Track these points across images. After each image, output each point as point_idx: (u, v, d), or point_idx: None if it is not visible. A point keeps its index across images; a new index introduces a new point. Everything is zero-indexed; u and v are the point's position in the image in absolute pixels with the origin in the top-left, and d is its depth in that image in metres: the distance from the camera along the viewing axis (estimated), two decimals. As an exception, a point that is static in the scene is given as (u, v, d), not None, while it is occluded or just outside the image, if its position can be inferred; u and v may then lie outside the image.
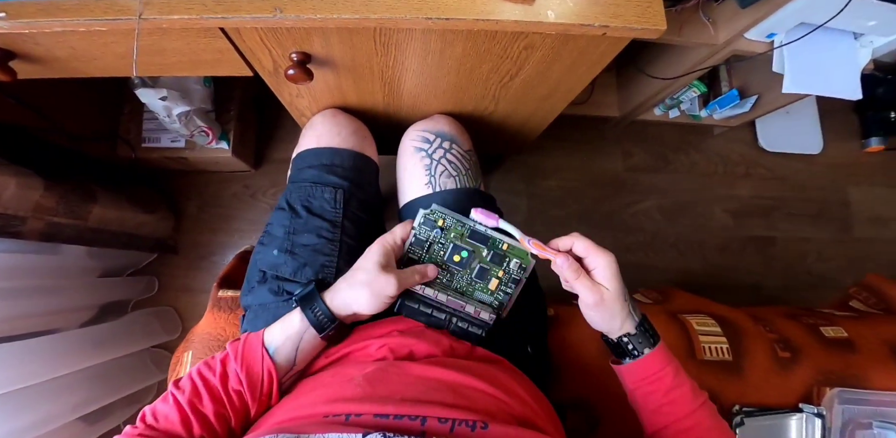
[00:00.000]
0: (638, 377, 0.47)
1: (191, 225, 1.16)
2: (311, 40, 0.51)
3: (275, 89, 0.65)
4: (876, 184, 1.31)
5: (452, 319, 0.49)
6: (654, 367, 0.46)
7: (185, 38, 0.50)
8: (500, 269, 0.50)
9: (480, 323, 0.49)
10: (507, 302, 0.51)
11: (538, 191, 1.26)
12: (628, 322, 0.45)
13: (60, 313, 0.91)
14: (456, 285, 0.51)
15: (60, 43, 0.50)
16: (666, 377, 0.45)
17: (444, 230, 0.49)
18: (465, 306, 0.49)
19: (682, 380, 0.46)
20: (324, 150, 0.64)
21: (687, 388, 0.46)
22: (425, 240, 0.49)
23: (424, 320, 0.48)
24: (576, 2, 0.47)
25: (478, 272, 0.50)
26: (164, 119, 0.88)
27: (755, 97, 1.09)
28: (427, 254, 0.50)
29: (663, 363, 0.46)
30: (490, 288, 0.50)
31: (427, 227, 0.49)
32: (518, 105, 0.72)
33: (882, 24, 0.78)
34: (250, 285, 0.62)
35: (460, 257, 0.49)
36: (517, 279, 0.51)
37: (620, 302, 0.44)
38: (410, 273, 0.47)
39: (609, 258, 0.44)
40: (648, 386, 0.46)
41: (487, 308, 0.50)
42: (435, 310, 0.48)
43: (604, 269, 0.44)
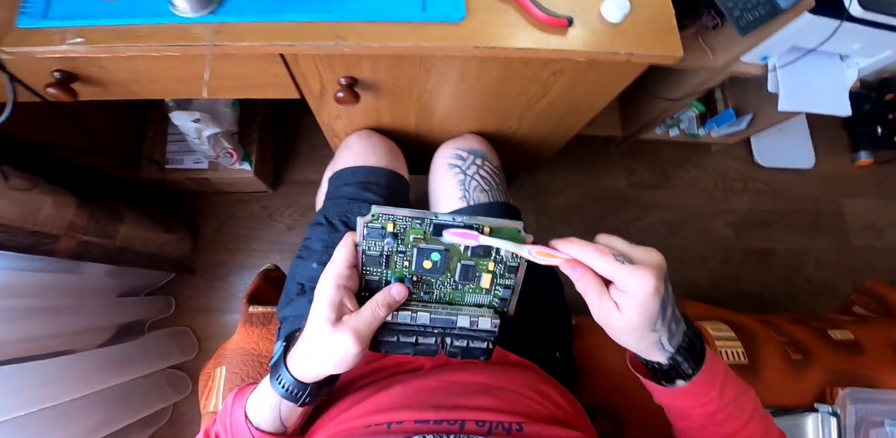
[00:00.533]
0: (669, 402, 0.41)
1: (208, 246, 1.17)
2: (360, 66, 0.55)
3: (316, 110, 0.68)
4: (867, 196, 1.38)
5: (446, 340, 0.38)
6: (689, 402, 0.39)
7: (246, 64, 0.54)
8: (489, 260, 0.39)
9: (482, 335, 0.39)
10: (509, 296, 0.41)
11: (546, 208, 1.30)
12: (656, 353, 0.37)
13: (79, 333, 0.91)
14: (438, 295, 0.40)
15: (125, 67, 0.54)
16: (708, 405, 0.39)
17: (397, 235, 0.38)
18: (456, 320, 0.38)
19: (726, 403, 0.39)
20: (360, 169, 0.68)
21: (732, 408, 0.39)
22: (379, 255, 0.38)
23: (411, 352, 0.38)
24: (603, 31, 0.52)
25: (461, 272, 0.39)
26: (194, 140, 0.91)
27: (750, 115, 1.16)
28: (388, 270, 0.39)
29: (702, 395, 0.38)
30: (483, 285, 0.40)
31: (375, 238, 0.37)
32: (540, 125, 0.76)
33: (866, 46, 0.86)
34: (288, 297, 0.64)
35: (432, 262, 0.38)
36: (514, 265, 0.39)
37: (639, 334, 0.35)
38: (370, 311, 0.36)
39: (643, 288, 0.32)
40: (682, 414, 0.41)
41: (487, 311, 0.40)
42: (420, 337, 0.38)
43: (632, 298, 0.33)
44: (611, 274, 0.33)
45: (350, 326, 0.35)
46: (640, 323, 0.33)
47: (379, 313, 0.37)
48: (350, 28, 0.48)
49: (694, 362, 0.38)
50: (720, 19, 0.84)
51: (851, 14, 0.71)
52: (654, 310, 0.33)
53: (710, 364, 0.38)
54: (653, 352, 0.37)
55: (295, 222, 1.20)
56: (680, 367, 0.37)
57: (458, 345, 0.39)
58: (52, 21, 0.47)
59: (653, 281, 0.32)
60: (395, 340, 0.38)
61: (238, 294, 1.14)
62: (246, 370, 0.71)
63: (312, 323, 0.37)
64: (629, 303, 0.33)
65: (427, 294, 0.40)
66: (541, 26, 0.50)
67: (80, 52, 0.48)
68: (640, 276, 0.32)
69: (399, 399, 0.42)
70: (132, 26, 0.47)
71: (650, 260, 0.33)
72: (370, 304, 0.37)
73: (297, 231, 1.20)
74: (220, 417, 0.43)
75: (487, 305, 0.41)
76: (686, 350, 0.37)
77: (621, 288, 0.33)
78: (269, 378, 0.39)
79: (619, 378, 0.71)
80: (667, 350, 0.36)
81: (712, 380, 0.38)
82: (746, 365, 0.77)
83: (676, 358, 0.37)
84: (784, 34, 0.80)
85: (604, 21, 0.52)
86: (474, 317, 0.39)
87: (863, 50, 0.87)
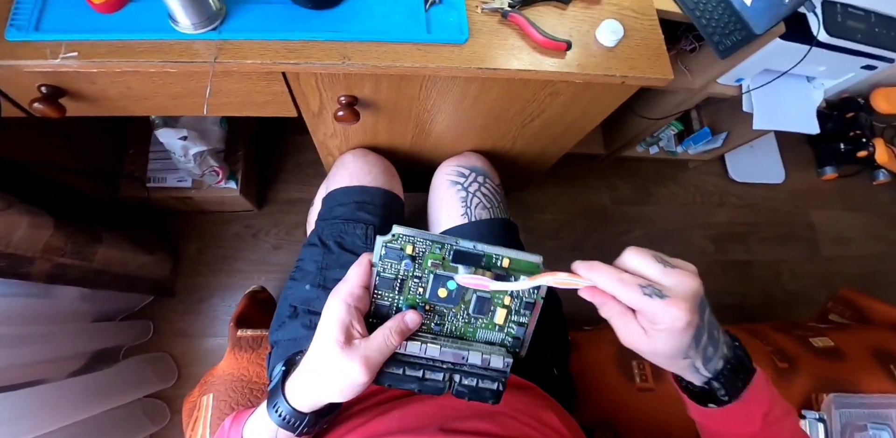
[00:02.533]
0: (703, 420, 0.38)
1: (189, 267, 1.12)
2: (362, 85, 0.55)
3: (312, 129, 0.68)
4: (834, 208, 1.45)
5: (454, 377, 0.36)
6: (724, 424, 0.37)
7: (246, 81, 0.53)
8: (506, 294, 0.38)
9: (493, 375, 0.36)
10: (523, 335, 0.39)
11: (533, 225, 1.32)
12: (690, 376, 0.35)
13: (50, 362, 0.85)
14: (449, 328, 0.38)
15: (118, 82, 0.52)
16: (745, 428, 0.36)
17: (415, 259, 0.36)
18: (467, 356, 0.36)
19: (765, 426, 0.36)
20: (355, 189, 0.67)
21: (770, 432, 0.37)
22: (394, 278, 0.36)
23: (416, 387, 0.35)
24: (599, 55, 0.54)
25: (476, 304, 0.38)
26: (180, 158, 0.88)
27: (725, 133, 1.22)
28: (401, 295, 0.37)
29: (741, 419, 0.36)
30: (497, 321, 0.38)
31: (393, 259, 0.36)
32: (533, 143, 0.78)
33: (830, 69, 0.92)
34: (280, 320, 0.62)
35: (447, 290, 0.37)
36: (531, 302, 0.38)
37: (669, 360, 0.33)
38: (382, 338, 0.34)
39: (674, 323, 0.29)
40: (716, 434, 0.39)
41: (498, 350, 0.38)
42: (427, 371, 0.36)
43: (661, 331, 0.30)
44: (639, 308, 0.30)
45: (361, 353, 0.33)
46: (670, 351, 0.31)
47: (392, 341, 0.34)
48: (355, 48, 0.48)
49: (732, 389, 0.35)
50: (697, 43, 0.89)
51: (819, 40, 0.76)
52: (686, 341, 0.30)
53: (754, 390, 0.35)
54: (686, 374, 0.34)
55: (280, 242, 1.18)
56: (716, 393, 0.35)
57: (466, 384, 0.36)
58: (43, 34, 0.46)
59: (684, 315, 0.29)
60: (400, 373, 0.35)
61: (221, 316, 1.10)
62: (235, 397, 0.67)
63: (319, 344, 0.35)
64: (658, 335, 0.30)
65: (438, 325, 0.38)
66: (541, 49, 0.52)
67: (73, 67, 0.46)
68: (669, 312, 0.29)
69: (397, 425, 0.41)
70: (130, 41, 0.46)
71: (684, 289, 0.30)
72: (382, 331, 0.35)
73: (283, 251, 1.17)
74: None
75: (499, 344, 0.39)
76: (726, 376, 0.34)
77: (650, 319, 0.30)
78: (266, 405, 0.37)
79: (616, 393, 0.71)
80: (702, 374, 0.34)
81: (754, 407, 0.35)
82: (739, 375, 0.78)
83: (713, 384, 0.34)
84: (757, 58, 0.85)
85: (599, 45, 0.54)
86: (486, 354, 0.36)
87: (828, 72, 0.93)
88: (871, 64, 0.89)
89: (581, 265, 0.32)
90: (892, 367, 0.76)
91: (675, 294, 0.29)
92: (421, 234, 0.36)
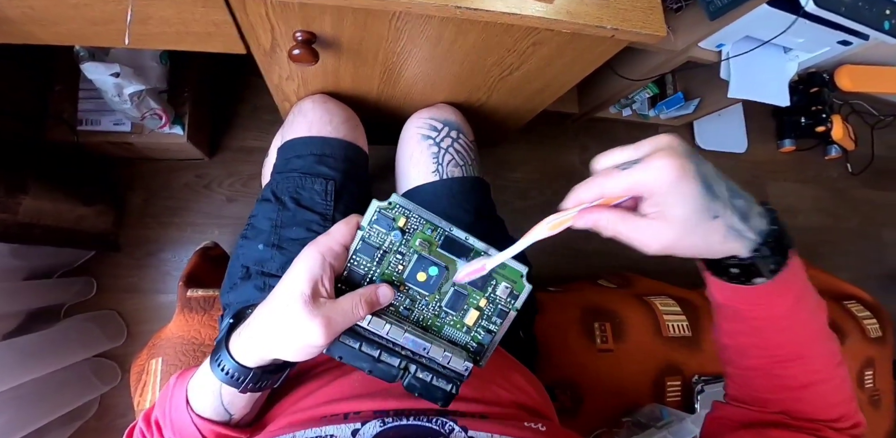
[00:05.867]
0: (729, 300, 0.34)
1: (135, 219, 1.04)
2: (322, 19, 0.48)
3: (265, 69, 0.60)
4: (788, 180, 1.51)
5: (410, 367, 0.34)
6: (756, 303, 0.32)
7: (180, 7, 0.45)
8: (483, 296, 0.36)
9: (451, 375, 0.34)
10: (489, 343, 0.37)
11: (504, 183, 1.30)
12: (735, 243, 0.28)
13: (-22, 322, 0.78)
14: (417, 316, 0.36)
15: (16, 1, 0.43)
16: (777, 307, 0.32)
17: (405, 233, 0.35)
18: (429, 348, 0.34)
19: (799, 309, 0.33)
20: (314, 139, 0.61)
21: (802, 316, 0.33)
22: (377, 247, 0.35)
23: (368, 367, 0.33)
24: (589, 3, 0.49)
25: (451, 298, 0.36)
26: (113, 99, 0.78)
27: (698, 100, 1.21)
28: (378, 267, 0.35)
29: (777, 296, 0.32)
30: (466, 322, 0.36)
31: (382, 227, 0.34)
32: (510, 98, 0.74)
33: (808, 42, 0.91)
34: (232, 281, 0.58)
35: (427, 275, 0.35)
36: (505, 310, 0.37)
37: (701, 229, 0.27)
38: (349, 306, 0.32)
39: (665, 173, 0.25)
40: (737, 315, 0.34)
41: (460, 352, 0.36)
42: (385, 353, 0.34)
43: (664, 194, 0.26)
44: (627, 188, 0.26)
45: (324, 313, 0.31)
46: (692, 215, 0.26)
47: (358, 310, 0.32)
48: (313, -28, 0.41)
49: (782, 257, 0.30)
50: (684, 2, 0.85)
51: (806, 10, 0.73)
52: (697, 191, 0.25)
53: (793, 267, 0.31)
54: (730, 243, 0.28)
55: (235, 193, 1.10)
56: (764, 261, 0.29)
57: (420, 377, 0.34)
58: None
59: (669, 162, 0.25)
60: (356, 347, 0.33)
61: (172, 272, 1.04)
62: (186, 361, 0.64)
63: (281, 295, 0.32)
64: (667, 204, 0.26)
65: (407, 310, 0.36)
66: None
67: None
68: (652, 167, 0.25)
69: (359, 388, 0.40)
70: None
71: (657, 145, 0.26)
72: (352, 297, 0.32)
73: (239, 203, 1.10)
74: (160, 400, 0.39)
75: (462, 346, 0.37)
76: (776, 238, 0.29)
77: (646, 192, 0.26)
78: (209, 360, 0.35)
79: (577, 354, 0.74)
80: (747, 237, 0.28)
81: (789, 287, 0.31)
82: (690, 337, 0.83)
83: (762, 250, 0.29)
84: (742, 23, 0.82)
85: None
86: (448, 352, 0.34)
87: (806, 44, 0.92)
88: (847, 39, 0.88)
89: (564, 202, 0.29)
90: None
91: (652, 152, 0.26)
92: (418, 210, 0.35)
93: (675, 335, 0.82)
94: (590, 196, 0.28)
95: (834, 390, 0.35)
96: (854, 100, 1.57)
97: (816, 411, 0.35)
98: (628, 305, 0.83)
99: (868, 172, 1.59)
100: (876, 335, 0.93)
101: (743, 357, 0.37)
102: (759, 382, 0.36)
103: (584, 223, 0.29)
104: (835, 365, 0.35)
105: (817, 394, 0.35)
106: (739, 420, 0.37)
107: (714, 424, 0.39)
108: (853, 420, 0.35)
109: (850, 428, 0.35)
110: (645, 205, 0.27)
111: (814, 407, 0.35)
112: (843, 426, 0.35)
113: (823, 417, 0.35)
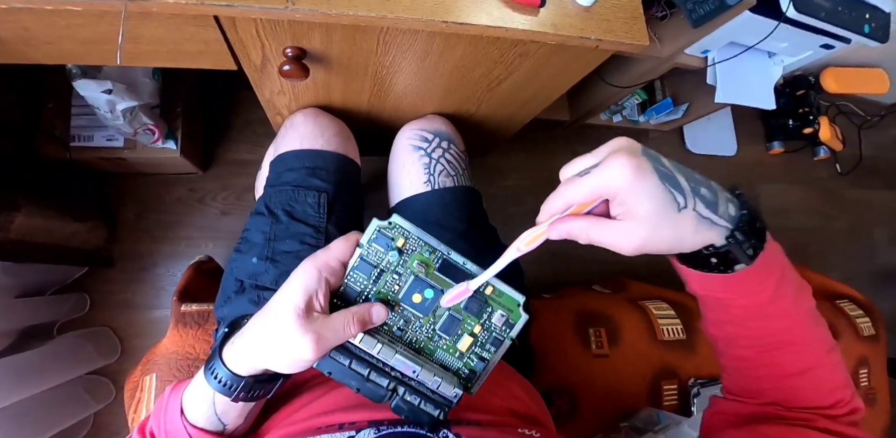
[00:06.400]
0: (710, 291, 0.34)
1: (128, 234, 1.04)
2: (311, 35, 0.49)
3: (256, 85, 0.61)
4: (778, 181, 1.53)
5: (398, 389, 0.34)
6: (737, 291, 0.32)
7: (171, 26, 0.46)
8: (478, 322, 0.36)
9: (439, 400, 0.34)
10: (481, 371, 0.37)
11: (497, 191, 1.30)
12: (708, 232, 0.28)
13: (-30, 342, 0.77)
14: (410, 338, 0.36)
15: (10, 22, 0.44)
16: (760, 294, 0.32)
17: (403, 253, 0.35)
18: (419, 371, 0.34)
19: (781, 294, 0.32)
20: (306, 152, 0.62)
21: (785, 302, 0.33)
22: (375, 266, 0.35)
23: (356, 385, 0.33)
24: (573, 15, 0.51)
25: (445, 322, 0.36)
26: (106, 115, 0.78)
27: (686, 105, 1.22)
28: (375, 286, 0.35)
29: (758, 281, 0.31)
30: (459, 347, 0.36)
31: (381, 246, 0.34)
32: (499, 107, 0.74)
33: (792, 46, 0.93)
34: (226, 295, 0.58)
35: (422, 297, 0.35)
36: (499, 339, 0.36)
37: (670, 221, 0.27)
38: (341, 323, 0.32)
39: (621, 172, 0.26)
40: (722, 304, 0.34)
41: (451, 377, 0.36)
42: (374, 372, 0.33)
43: (624, 192, 0.26)
44: (590, 193, 0.27)
45: (316, 329, 0.31)
46: (657, 209, 0.26)
47: (350, 328, 0.33)
48: (301, -9, 0.42)
49: (758, 241, 0.30)
50: (669, 11, 0.86)
51: (787, 15, 0.75)
52: (656, 185, 0.26)
53: (769, 251, 0.30)
54: (703, 232, 0.28)
55: (229, 207, 1.10)
56: (741, 247, 0.29)
57: (408, 400, 0.34)
58: None
59: (624, 161, 0.26)
60: (346, 365, 0.33)
61: (166, 287, 1.03)
62: (180, 376, 0.64)
63: (275, 307, 0.32)
64: (633, 203, 0.26)
65: (400, 331, 0.36)
66: (513, 5, 0.47)
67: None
68: (608, 167, 0.26)
69: (353, 399, 0.40)
70: (19, -30, 0.38)
71: (612, 148, 0.28)
72: (344, 314, 0.33)
73: (232, 216, 1.09)
74: (155, 411, 0.39)
75: (454, 371, 0.37)
76: (747, 223, 0.29)
77: (607, 193, 0.27)
78: (203, 368, 0.35)
79: (573, 359, 0.74)
80: (718, 224, 0.28)
81: (768, 272, 0.31)
82: (684, 340, 0.83)
83: (736, 236, 0.29)
84: (726, 30, 0.83)
85: (575, 4, 0.50)
86: (439, 377, 0.34)
87: (789, 49, 0.94)
88: (829, 43, 0.90)
89: (539, 217, 0.31)
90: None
91: (608, 155, 0.27)
92: (418, 232, 0.35)
93: (670, 338, 0.83)
94: (558, 206, 0.29)
95: (827, 376, 0.35)
96: (840, 102, 1.60)
97: (810, 398, 0.35)
98: (622, 310, 0.84)
99: (857, 172, 1.61)
100: (869, 333, 0.94)
101: (733, 347, 0.36)
102: (751, 372, 0.36)
103: (558, 234, 0.29)
104: (826, 350, 0.35)
105: (810, 381, 0.35)
106: (734, 413, 0.37)
107: (711, 419, 0.39)
108: (850, 406, 0.35)
109: (847, 414, 0.34)
110: (612, 207, 0.28)
111: (807, 395, 0.35)
112: (839, 412, 0.34)
113: (818, 404, 0.34)
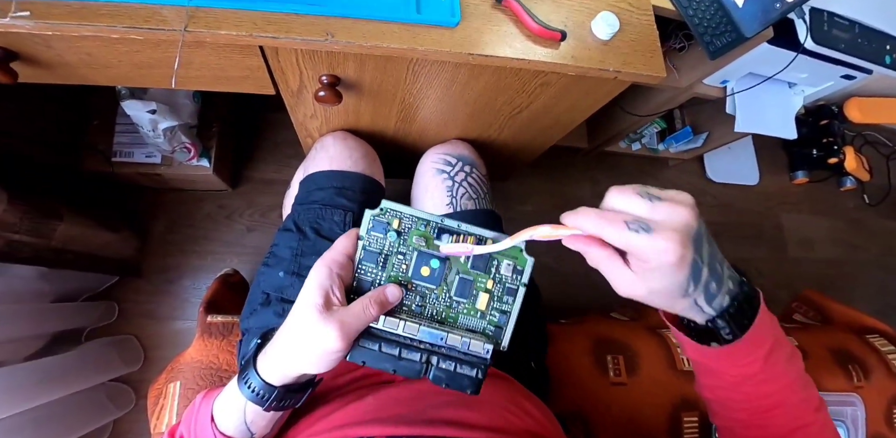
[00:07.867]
0: (700, 359, 0.36)
1: (157, 247, 1.08)
2: (346, 65, 0.53)
3: (291, 108, 0.65)
4: (803, 212, 1.50)
5: (432, 359, 0.34)
6: (724, 363, 0.34)
7: (219, 54, 0.50)
8: (488, 277, 0.37)
9: (473, 360, 0.35)
10: (505, 324, 0.37)
11: (514, 216, 1.31)
12: (693, 314, 0.32)
13: (4, 344, 0.80)
14: (431, 311, 0.37)
15: (76, 48, 0.48)
16: (748, 367, 0.34)
17: (401, 234, 0.36)
18: (445, 337, 0.35)
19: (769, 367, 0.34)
20: (335, 173, 0.65)
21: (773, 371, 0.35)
22: (379, 252, 0.36)
23: (391, 367, 0.34)
24: (593, 48, 0.53)
25: (458, 286, 0.37)
26: (148, 133, 0.84)
27: (706, 134, 1.23)
28: (384, 271, 0.37)
29: (743, 357, 0.33)
30: (479, 307, 0.37)
31: (379, 233, 0.36)
32: (520, 134, 0.77)
33: (812, 77, 0.94)
34: (252, 307, 0.60)
35: (430, 268, 0.36)
36: (513, 288, 0.37)
37: (669, 300, 0.30)
38: (360, 308, 0.34)
39: (664, 258, 0.27)
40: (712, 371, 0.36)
41: (479, 337, 0.36)
42: (404, 350, 0.34)
43: (653, 270, 0.28)
44: (625, 246, 0.28)
45: (338, 318, 0.32)
46: (667, 291, 0.29)
47: (370, 311, 0.34)
48: (340, 24, 0.46)
49: (738, 327, 0.32)
50: (687, 42, 0.89)
51: (805, 47, 0.76)
52: (683, 278, 0.28)
53: (758, 328, 0.32)
54: (689, 313, 0.32)
55: (255, 223, 1.14)
56: (719, 332, 0.32)
57: (444, 368, 0.34)
58: (-7, -9, 0.42)
59: (674, 248, 0.26)
60: (376, 349, 0.34)
61: (191, 299, 1.06)
62: (204, 385, 0.65)
63: (297, 309, 0.34)
64: (650, 275, 0.28)
65: (420, 307, 0.37)
66: (534, 38, 0.50)
67: (25, 28, 0.42)
68: (657, 247, 0.26)
69: (371, 412, 0.41)
70: (90, 3, 0.42)
71: (672, 221, 0.27)
72: (361, 300, 0.34)
73: (258, 233, 1.13)
74: (186, 417, 0.40)
75: (481, 332, 0.37)
76: (732, 314, 0.31)
77: (638, 255, 0.28)
78: (237, 379, 0.37)
79: (589, 386, 0.73)
80: (706, 312, 0.31)
81: (756, 347, 0.33)
82: (705, 371, 0.81)
83: (717, 322, 0.31)
84: (744, 61, 0.85)
85: (594, 37, 0.53)
86: (466, 338, 0.35)
87: (809, 79, 0.95)
88: (850, 73, 0.91)
89: (567, 214, 0.30)
90: (850, 367, 0.79)
91: (663, 227, 0.27)
92: (408, 210, 0.36)
93: (691, 369, 0.80)
94: (590, 230, 0.29)
95: (816, 433, 0.37)
96: (867, 132, 1.59)
97: None
98: (641, 338, 0.82)
99: (886, 203, 1.57)
100: (903, 372, 0.90)
101: (726, 410, 0.38)
102: (745, 432, 0.38)
103: (575, 247, 0.30)
104: (814, 409, 0.37)
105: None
106: None
107: None
108: None
109: None
110: (633, 259, 0.29)
111: None
112: None
113: None
